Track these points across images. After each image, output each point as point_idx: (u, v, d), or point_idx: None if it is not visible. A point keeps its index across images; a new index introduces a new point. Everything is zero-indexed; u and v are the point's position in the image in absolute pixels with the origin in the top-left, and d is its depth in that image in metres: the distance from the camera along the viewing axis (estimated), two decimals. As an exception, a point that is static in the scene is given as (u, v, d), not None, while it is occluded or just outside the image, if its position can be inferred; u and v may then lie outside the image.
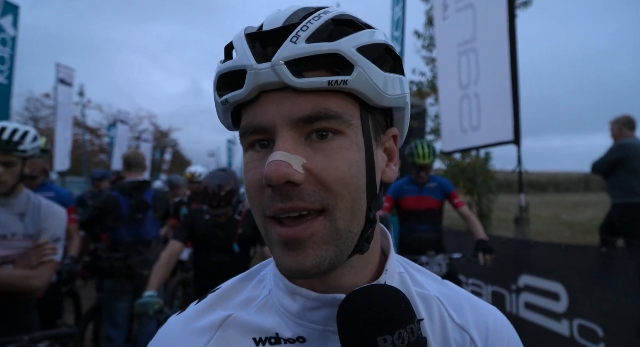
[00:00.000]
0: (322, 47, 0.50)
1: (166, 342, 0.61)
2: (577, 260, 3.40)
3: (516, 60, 4.40)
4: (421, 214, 3.84)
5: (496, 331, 0.63)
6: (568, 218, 15.02)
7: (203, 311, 0.63)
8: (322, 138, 0.52)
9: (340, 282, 0.58)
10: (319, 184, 0.50)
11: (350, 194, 0.52)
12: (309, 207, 0.50)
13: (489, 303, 0.68)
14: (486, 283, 4.36)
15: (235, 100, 0.54)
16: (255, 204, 0.54)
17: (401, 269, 0.67)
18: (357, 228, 0.54)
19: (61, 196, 3.59)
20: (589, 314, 3.19)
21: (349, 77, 0.50)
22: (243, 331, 0.59)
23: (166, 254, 2.79)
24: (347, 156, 0.52)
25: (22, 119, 25.13)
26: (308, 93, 0.50)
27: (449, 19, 5.46)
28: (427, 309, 0.63)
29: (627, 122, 4.91)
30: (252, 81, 0.51)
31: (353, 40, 0.51)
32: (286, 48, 0.49)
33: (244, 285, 0.67)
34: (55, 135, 9.75)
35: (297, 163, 0.49)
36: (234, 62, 0.53)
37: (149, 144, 20.58)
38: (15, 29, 5.88)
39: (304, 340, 0.58)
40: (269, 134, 0.52)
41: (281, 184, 0.48)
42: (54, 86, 10.29)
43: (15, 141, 2.07)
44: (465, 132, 5.14)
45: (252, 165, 0.54)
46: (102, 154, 29.31)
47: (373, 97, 0.54)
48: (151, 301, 2.42)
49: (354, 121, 0.53)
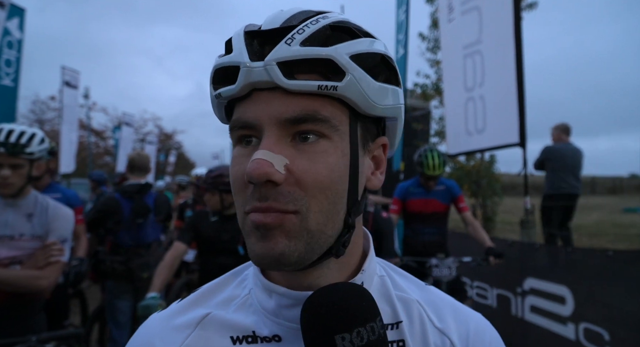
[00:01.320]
0: (314, 51, 0.50)
1: (145, 338, 0.63)
2: (583, 263, 3.39)
3: (522, 63, 4.39)
4: (427, 217, 3.83)
5: (477, 335, 0.63)
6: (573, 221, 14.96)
7: (184, 309, 0.64)
8: (306, 140, 0.52)
9: (316, 283, 0.58)
10: (297, 185, 0.51)
11: (327, 198, 0.52)
12: (283, 208, 0.50)
13: (472, 309, 0.68)
14: (491, 286, 4.34)
15: (227, 94, 0.55)
16: (237, 199, 0.55)
17: (382, 272, 0.67)
18: (332, 231, 0.54)
19: (68, 197, 3.60)
20: (595, 318, 3.17)
21: (339, 84, 0.51)
22: (221, 329, 0.60)
23: (170, 256, 2.79)
24: (329, 161, 0.52)
25: (28, 121, 25.29)
26: (298, 95, 0.51)
27: (454, 21, 5.46)
28: (407, 312, 0.63)
29: (564, 128, 6.21)
30: (244, 78, 0.52)
31: (348, 47, 0.52)
32: (280, 49, 0.50)
33: (226, 284, 0.68)
34: (60, 137, 9.80)
35: (280, 163, 0.50)
36: (229, 57, 0.54)
37: (154, 146, 20.62)
38: (22, 32, 5.93)
39: (279, 339, 0.58)
40: (256, 132, 0.53)
41: (261, 182, 0.49)
42: (60, 89, 10.35)
43: (23, 144, 2.09)
44: (470, 135, 5.13)
45: (238, 161, 0.55)
46: (107, 156, 29.45)
47: (363, 106, 0.54)
48: (154, 303, 2.42)
49: (342, 127, 0.54)
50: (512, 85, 4.43)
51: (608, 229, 12.40)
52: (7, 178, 2.04)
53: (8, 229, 2.08)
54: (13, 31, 5.78)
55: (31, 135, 2.14)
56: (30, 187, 2.22)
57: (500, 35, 4.60)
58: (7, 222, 2.09)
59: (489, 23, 4.83)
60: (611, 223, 14.13)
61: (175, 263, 2.79)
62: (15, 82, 5.81)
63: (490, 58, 4.80)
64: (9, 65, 5.71)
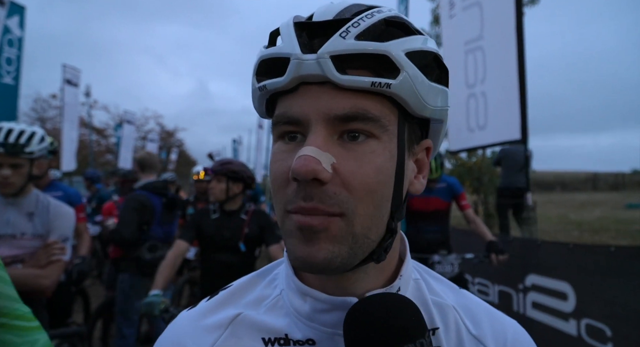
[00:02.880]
0: (371, 46, 0.48)
1: (175, 338, 0.61)
2: (585, 260, 3.38)
3: (523, 59, 4.37)
4: (428, 215, 3.82)
5: (515, 345, 0.61)
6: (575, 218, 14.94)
7: (214, 308, 0.63)
8: (355, 139, 0.50)
9: (352, 287, 0.56)
10: (343, 186, 0.49)
11: (373, 202, 0.50)
12: (328, 210, 0.48)
13: (506, 315, 0.66)
14: (493, 283, 4.34)
15: (273, 87, 0.52)
16: (278, 197, 0.53)
17: (417, 275, 0.65)
18: (375, 236, 0.52)
19: (69, 195, 3.60)
20: (597, 314, 3.17)
21: (393, 81, 0.49)
22: (252, 331, 0.58)
23: (172, 254, 2.80)
24: (377, 162, 0.50)
25: (29, 119, 25.34)
26: (348, 91, 0.49)
27: (455, 17, 5.44)
28: (442, 318, 0.61)
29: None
30: (294, 71, 0.49)
31: (403, 44, 0.50)
32: (334, 42, 0.48)
33: (255, 284, 0.66)
34: (62, 135, 9.80)
35: (327, 161, 0.48)
36: (278, 48, 0.52)
37: (155, 144, 20.65)
38: (22, 30, 5.92)
39: (313, 342, 0.56)
40: (302, 127, 0.51)
41: (307, 180, 0.47)
42: (61, 87, 10.33)
43: (22, 144, 2.09)
44: (471, 131, 5.11)
45: (280, 156, 0.53)
46: (109, 154, 29.48)
47: (414, 105, 0.52)
48: (157, 300, 2.43)
49: (391, 127, 0.52)
50: (513, 82, 4.41)
51: (610, 225, 12.38)
52: (7, 178, 2.04)
53: (9, 228, 2.09)
54: (13, 29, 5.77)
55: (30, 135, 2.14)
56: (31, 186, 2.23)
57: (502, 31, 4.58)
58: (8, 221, 2.09)
59: (490, 19, 4.80)
60: (613, 219, 14.11)
61: (177, 261, 2.80)
62: (16, 80, 5.81)
63: (491, 54, 4.78)
64: (9, 63, 5.71)
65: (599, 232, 11.30)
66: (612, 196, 28.17)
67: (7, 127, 2.09)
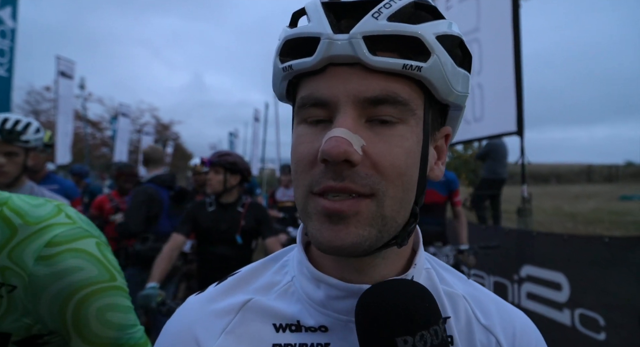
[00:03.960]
0: (404, 27, 0.48)
1: (184, 323, 0.60)
2: (579, 250, 3.41)
3: (520, 51, 4.37)
4: (425, 207, 3.82)
5: (524, 336, 0.61)
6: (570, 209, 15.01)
7: (223, 293, 0.62)
8: (385, 123, 0.50)
9: (369, 272, 0.56)
10: (373, 169, 0.48)
11: (403, 184, 0.50)
12: (360, 190, 0.48)
13: (515, 307, 0.67)
14: (488, 274, 4.37)
15: (300, 67, 0.51)
16: (301, 179, 0.52)
17: (428, 265, 0.65)
18: (401, 219, 0.52)
19: (65, 189, 3.58)
20: (590, 304, 3.20)
21: (424, 64, 0.48)
22: (263, 316, 0.58)
23: (168, 247, 2.80)
24: (406, 146, 0.50)
25: (23, 112, 25.12)
26: (378, 74, 0.48)
27: (452, 9, 5.43)
28: (453, 307, 0.61)
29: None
30: (325, 50, 0.48)
31: (433, 27, 0.50)
32: (367, 22, 0.47)
33: (265, 270, 0.65)
34: (56, 128, 9.74)
35: (357, 143, 0.47)
36: (307, 27, 0.50)
37: (151, 137, 20.55)
38: (15, 21, 5.85)
39: (326, 329, 0.56)
40: (329, 110, 0.50)
41: (338, 162, 0.46)
42: (55, 79, 10.26)
43: (18, 131, 2.08)
44: (468, 123, 5.12)
45: (306, 139, 0.52)
46: (104, 147, 29.34)
47: (441, 89, 0.52)
48: (154, 293, 2.44)
49: (418, 111, 0.52)
50: (510, 74, 4.41)
51: (604, 217, 12.45)
52: (2, 166, 2.03)
53: None
54: (6, 20, 5.71)
55: (27, 124, 2.13)
56: (25, 177, 2.21)
57: (498, 23, 4.58)
58: None
59: (486, 11, 4.80)
60: (607, 211, 14.19)
61: (173, 254, 2.80)
62: (9, 72, 5.75)
63: (488, 46, 4.78)
64: (2, 55, 5.65)
65: (593, 223, 11.37)
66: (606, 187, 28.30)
67: (3, 116, 2.08)
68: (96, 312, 0.88)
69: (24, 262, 0.84)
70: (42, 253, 0.85)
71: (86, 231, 0.94)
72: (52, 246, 0.86)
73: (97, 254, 0.91)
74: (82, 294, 0.87)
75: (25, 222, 0.88)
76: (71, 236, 0.90)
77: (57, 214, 0.93)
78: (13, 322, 0.86)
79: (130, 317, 0.94)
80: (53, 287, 0.85)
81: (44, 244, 0.86)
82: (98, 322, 0.88)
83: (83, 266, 0.87)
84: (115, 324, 0.90)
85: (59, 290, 0.85)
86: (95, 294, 0.88)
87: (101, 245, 0.95)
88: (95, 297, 0.88)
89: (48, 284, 0.85)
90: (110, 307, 0.90)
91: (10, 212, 0.89)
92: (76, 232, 0.91)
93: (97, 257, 0.91)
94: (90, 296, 0.87)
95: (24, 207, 0.91)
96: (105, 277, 0.90)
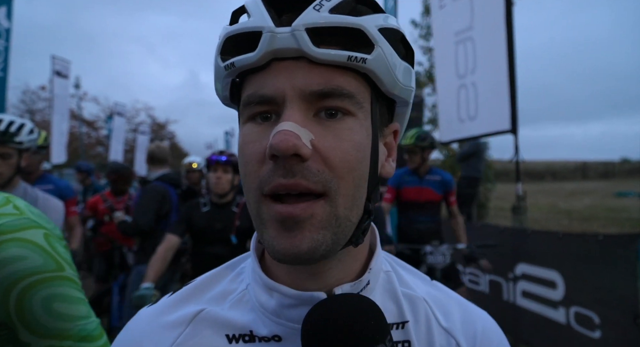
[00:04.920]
0: (346, 19, 0.47)
1: (132, 337, 0.58)
2: (574, 248, 3.42)
3: (513, 49, 4.39)
4: (421, 205, 3.83)
5: (485, 337, 0.61)
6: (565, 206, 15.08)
7: (175, 304, 0.60)
8: (332, 117, 0.49)
9: (324, 277, 0.55)
10: (324, 164, 0.47)
11: (354, 180, 0.49)
12: (311, 187, 0.46)
13: (478, 307, 0.66)
14: (483, 272, 4.38)
15: (242, 64, 0.49)
16: (251, 180, 0.50)
17: (388, 267, 0.64)
18: (355, 217, 0.51)
19: (60, 188, 3.56)
20: (585, 302, 3.22)
21: (368, 56, 0.48)
22: (216, 327, 0.56)
23: (163, 248, 2.80)
24: (355, 139, 0.49)
25: (18, 111, 25.03)
26: (322, 67, 0.48)
27: (445, 7, 5.43)
28: (413, 310, 0.60)
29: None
30: (267, 44, 0.47)
31: (375, 19, 0.49)
32: (309, 15, 0.47)
33: (221, 278, 0.63)
34: (51, 127, 9.70)
35: (306, 137, 0.46)
36: (247, 23, 0.49)
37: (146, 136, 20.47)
38: (10, 21, 5.83)
39: (279, 339, 0.55)
40: (276, 106, 0.49)
41: (288, 156, 0.45)
42: (50, 78, 10.22)
43: (12, 132, 2.07)
44: (462, 122, 5.13)
45: (253, 137, 0.50)
46: (99, 147, 29.25)
47: (386, 82, 0.51)
48: (148, 293, 2.44)
49: (365, 104, 0.51)
50: (503, 72, 4.42)
51: (600, 214, 12.52)
52: None
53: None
54: (1, 20, 5.68)
55: (20, 125, 2.12)
56: (18, 178, 2.21)
57: (492, 21, 4.59)
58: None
59: (480, 9, 4.80)
60: (603, 207, 14.27)
61: (168, 255, 2.79)
62: (4, 72, 5.73)
63: (481, 44, 4.79)
64: (-4, 55, 5.63)
65: (588, 220, 11.43)
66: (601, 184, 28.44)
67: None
68: (41, 301, 0.86)
69: None
70: None
71: (34, 221, 0.93)
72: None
73: (43, 244, 0.90)
74: (26, 283, 0.85)
75: None
76: (16, 226, 0.89)
77: (4, 205, 0.92)
78: None
79: (80, 308, 0.93)
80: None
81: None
82: (44, 312, 0.86)
83: (27, 255, 0.86)
84: (62, 314, 0.89)
85: (1, 279, 0.84)
86: (39, 283, 0.86)
87: (50, 236, 0.94)
88: (39, 286, 0.86)
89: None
90: (56, 297, 0.88)
91: None
92: (22, 222, 0.90)
93: (43, 247, 0.90)
94: (34, 285, 0.86)
95: None
96: (51, 267, 0.89)
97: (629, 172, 39.30)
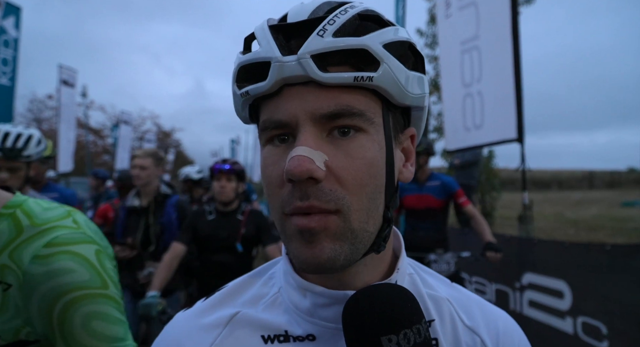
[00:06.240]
0: (349, 41, 0.49)
1: (173, 339, 0.61)
2: (581, 258, 3.39)
3: (519, 58, 4.39)
4: (421, 212, 3.80)
5: (507, 335, 0.63)
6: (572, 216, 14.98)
7: (211, 307, 0.63)
8: (344, 135, 0.51)
9: (352, 280, 0.57)
10: (337, 183, 0.49)
11: (367, 195, 0.51)
12: (324, 207, 0.49)
13: (496, 306, 0.68)
14: (490, 281, 4.35)
15: (256, 92, 0.52)
16: (274, 201, 0.53)
17: (411, 270, 0.67)
18: (373, 227, 0.53)
19: (65, 197, 3.58)
20: (593, 312, 3.19)
21: (374, 74, 0.50)
22: (251, 328, 0.59)
23: (169, 256, 2.80)
24: (368, 156, 0.51)
25: (25, 120, 25.28)
26: (331, 88, 0.50)
27: (451, 17, 5.45)
28: (438, 310, 0.62)
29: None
30: (277, 74, 0.49)
31: (379, 36, 0.51)
32: (313, 41, 0.49)
33: (252, 283, 0.66)
34: (58, 136, 9.78)
35: (320, 159, 0.49)
36: (257, 53, 0.52)
37: (152, 144, 20.62)
38: (18, 31, 5.91)
39: (314, 338, 0.57)
40: (290, 129, 0.51)
41: (303, 180, 0.48)
42: (57, 87, 10.33)
43: (19, 148, 2.09)
44: (468, 131, 5.12)
45: (272, 160, 0.53)
46: (106, 155, 29.42)
47: (396, 95, 0.53)
48: (154, 301, 2.43)
49: (376, 119, 0.53)
50: (509, 81, 4.42)
51: (606, 223, 12.43)
52: (4, 181, 2.05)
53: None
54: (9, 30, 5.76)
55: (28, 138, 2.14)
56: (27, 188, 2.23)
57: (498, 30, 4.59)
58: None
59: (486, 18, 4.82)
60: (609, 217, 14.16)
61: (173, 263, 2.80)
62: (12, 81, 5.80)
63: (487, 53, 4.80)
64: (5, 64, 5.70)
65: (595, 230, 11.34)
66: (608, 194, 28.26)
67: (4, 130, 2.08)
68: (82, 318, 0.86)
69: (21, 261, 0.85)
70: (39, 253, 0.86)
71: (89, 236, 0.94)
72: (50, 247, 0.87)
73: (92, 260, 0.91)
74: (71, 297, 0.86)
75: (32, 223, 0.89)
76: (71, 239, 0.90)
77: (64, 218, 0.94)
78: (3, 324, 0.86)
79: (118, 329, 0.92)
80: (44, 286, 0.85)
81: (43, 244, 0.87)
82: (82, 329, 0.87)
83: (75, 268, 0.87)
84: (99, 333, 0.88)
85: (48, 289, 0.85)
86: (83, 299, 0.87)
87: (101, 253, 0.94)
88: (82, 302, 0.87)
89: (40, 283, 0.85)
90: (97, 315, 0.88)
91: (21, 214, 0.90)
92: (77, 236, 0.92)
93: (92, 263, 0.90)
94: (78, 300, 0.86)
95: (35, 209, 0.93)
96: (96, 284, 0.89)
97: (636, 182, 39.08)
